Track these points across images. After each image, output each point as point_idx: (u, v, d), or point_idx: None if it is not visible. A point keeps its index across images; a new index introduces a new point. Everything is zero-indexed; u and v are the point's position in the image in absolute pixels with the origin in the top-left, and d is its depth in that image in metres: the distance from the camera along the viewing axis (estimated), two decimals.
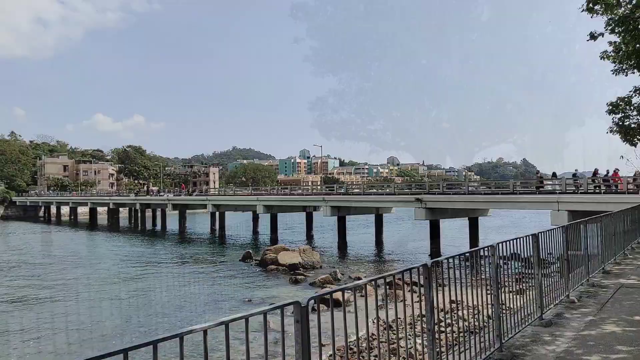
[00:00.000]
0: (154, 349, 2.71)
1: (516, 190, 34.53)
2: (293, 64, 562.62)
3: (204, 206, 62.26)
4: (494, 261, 6.39)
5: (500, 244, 6.60)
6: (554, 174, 40.08)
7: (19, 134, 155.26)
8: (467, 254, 6.29)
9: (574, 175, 32.64)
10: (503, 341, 6.35)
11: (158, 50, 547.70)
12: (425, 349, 5.08)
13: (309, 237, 52.43)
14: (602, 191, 29.68)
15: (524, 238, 7.41)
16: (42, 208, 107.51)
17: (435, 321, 5.03)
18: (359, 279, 26.36)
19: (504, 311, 6.67)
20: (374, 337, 13.04)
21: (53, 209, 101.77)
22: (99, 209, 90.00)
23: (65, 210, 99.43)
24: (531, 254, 7.69)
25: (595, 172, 32.68)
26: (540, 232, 7.97)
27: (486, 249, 6.44)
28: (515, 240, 7.15)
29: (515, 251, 7.18)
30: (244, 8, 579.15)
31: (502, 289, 6.75)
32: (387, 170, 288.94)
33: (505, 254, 6.86)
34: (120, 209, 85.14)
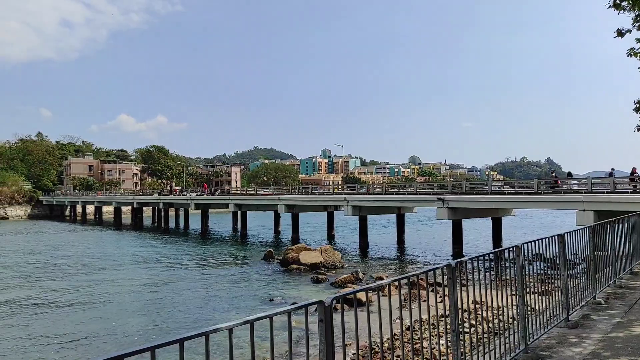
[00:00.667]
0: (180, 347, 2.75)
1: (540, 190, 34.02)
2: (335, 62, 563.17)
3: (226, 206, 62.65)
4: (519, 262, 6.31)
5: (525, 245, 6.52)
6: (569, 174, 39.51)
7: (45, 134, 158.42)
8: (492, 255, 6.23)
9: (610, 174, 31.87)
10: (528, 343, 6.27)
11: (180, 51, 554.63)
12: (449, 350, 5.04)
13: (330, 237, 52.40)
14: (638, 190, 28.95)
15: (550, 238, 7.31)
16: (68, 207, 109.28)
17: (459, 322, 4.99)
18: (381, 279, 26.33)
19: (529, 312, 6.59)
20: (396, 337, 12.99)
21: (79, 208, 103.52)
22: (123, 208, 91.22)
23: (90, 209, 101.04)
24: (557, 254, 7.58)
25: (634, 171, 31.90)
26: (567, 233, 7.85)
27: (511, 249, 6.37)
28: (540, 241, 7.06)
29: (540, 252, 7.08)
30: (261, 8, 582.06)
31: (527, 290, 6.67)
32: (408, 170, 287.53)
33: (530, 254, 6.77)
34: (144, 208, 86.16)
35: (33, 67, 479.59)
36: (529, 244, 6.72)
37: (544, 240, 7.15)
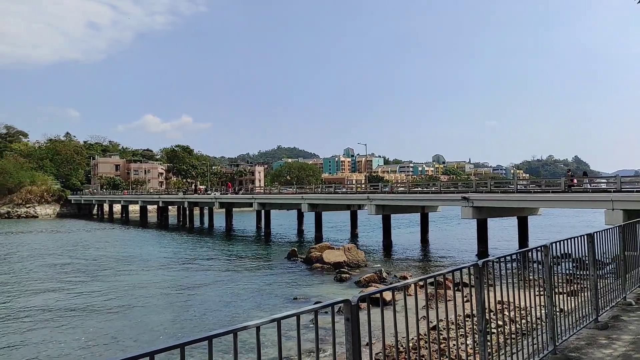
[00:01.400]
0: (209, 344, 2.78)
1: (567, 189, 33.43)
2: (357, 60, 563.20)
3: (250, 204, 63.07)
4: (547, 261, 6.22)
5: (553, 244, 6.43)
6: (585, 173, 39.14)
7: (73, 134, 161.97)
8: (519, 254, 6.15)
9: None
10: (557, 344, 6.18)
11: (205, 52, 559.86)
12: (474, 350, 5.00)
13: (354, 236, 52.36)
14: None
15: (578, 238, 7.19)
16: (96, 206, 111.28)
17: (486, 322, 4.95)
18: (405, 278, 26.22)
19: (557, 313, 6.49)
20: (421, 337, 12.92)
21: (106, 207, 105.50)
22: (149, 207, 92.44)
23: (117, 208, 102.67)
24: (585, 254, 7.46)
25: None
26: (596, 232, 7.72)
27: (539, 249, 6.28)
28: (569, 240, 6.95)
29: (569, 251, 6.98)
30: (284, 8, 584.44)
31: (555, 290, 6.57)
32: (432, 169, 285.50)
33: (558, 254, 6.68)
34: (169, 207, 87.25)
35: (60, 68, 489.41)
36: (558, 243, 6.62)
37: (572, 239, 7.04)
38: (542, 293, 6.35)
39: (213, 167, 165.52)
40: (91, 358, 15.27)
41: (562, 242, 6.77)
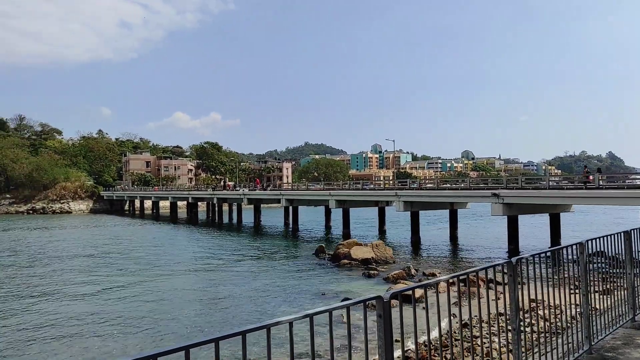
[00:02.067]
0: (242, 339, 2.81)
1: (601, 185, 32.63)
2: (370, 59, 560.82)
3: (278, 201, 63.31)
4: (583, 259, 6.09)
5: (589, 242, 6.28)
6: (599, 170, 38.43)
7: (105, 132, 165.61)
8: (554, 252, 6.03)
9: None
10: (592, 343, 6.05)
11: (233, 49, 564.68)
12: (506, 348, 4.93)
13: (382, 232, 52.18)
14: None
15: (615, 235, 7.01)
16: (127, 202, 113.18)
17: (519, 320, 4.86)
18: (434, 275, 26.01)
19: (592, 312, 6.35)
20: (453, 334, 12.82)
21: (137, 203, 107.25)
22: (179, 203, 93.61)
23: (148, 204, 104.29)
24: (622, 251, 7.27)
25: None
26: (633, 229, 7.52)
27: (574, 246, 6.15)
28: (605, 238, 6.79)
29: (604, 249, 6.81)
30: (312, 5, 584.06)
31: (590, 288, 6.43)
32: (461, 165, 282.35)
33: (593, 251, 6.53)
34: (199, 203, 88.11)
35: (94, 67, 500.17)
36: (593, 240, 6.48)
37: (608, 237, 6.87)
38: (576, 291, 6.22)
39: (241, 164, 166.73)
40: (126, 352, 15.57)
41: (597, 240, 6.62)
